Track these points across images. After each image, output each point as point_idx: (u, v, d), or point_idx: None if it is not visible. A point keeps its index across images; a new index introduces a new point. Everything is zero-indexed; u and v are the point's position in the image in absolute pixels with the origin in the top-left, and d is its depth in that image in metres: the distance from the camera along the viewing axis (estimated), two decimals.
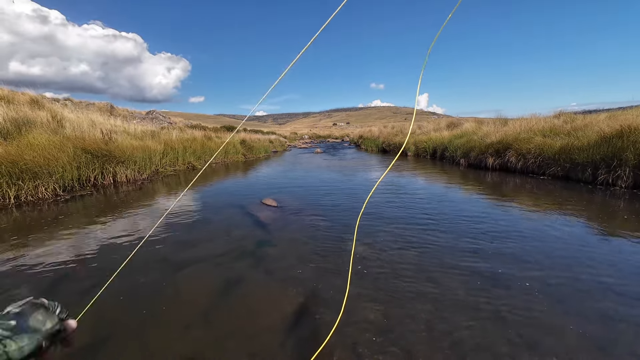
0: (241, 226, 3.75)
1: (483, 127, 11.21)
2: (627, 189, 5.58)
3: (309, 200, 5.13)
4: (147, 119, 17.85)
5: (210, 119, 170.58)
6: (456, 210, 4.32)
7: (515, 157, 8.05)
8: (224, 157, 12.08)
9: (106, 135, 7.10)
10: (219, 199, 5.36)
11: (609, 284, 2.26)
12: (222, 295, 2.20)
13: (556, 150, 7.09)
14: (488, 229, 3.48)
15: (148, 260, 2.77)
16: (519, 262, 2.63)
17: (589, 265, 2.58)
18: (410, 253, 2.85)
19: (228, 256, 2.85)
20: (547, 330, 1.77)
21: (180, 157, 9.50)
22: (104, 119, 10.42)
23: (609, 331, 1.75)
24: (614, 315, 1.90)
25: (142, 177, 7.17)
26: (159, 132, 10.63)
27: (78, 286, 2.33)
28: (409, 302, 2.06)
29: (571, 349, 1.62)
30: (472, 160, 9.60)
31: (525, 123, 9.28)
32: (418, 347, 1.65)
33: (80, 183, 5.87)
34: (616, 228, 3.50)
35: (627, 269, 2.49)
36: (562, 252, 2.85)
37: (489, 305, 2.02)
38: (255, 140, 16.61)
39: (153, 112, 20.21)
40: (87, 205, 4.71)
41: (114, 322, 1.90)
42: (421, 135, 14.63)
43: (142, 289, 2.28)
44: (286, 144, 25.93)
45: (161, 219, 3.84)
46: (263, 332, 1.79)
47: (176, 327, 1.84)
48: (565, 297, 2.10)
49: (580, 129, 7.32)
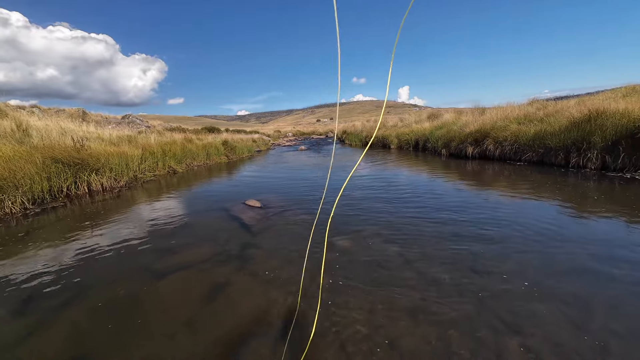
0: (225, 229, 3.67)
1: (462, 117, 11.49)
2: (596, 170, 5.88)
3: (294, 198, 5.10)
4: (123, 124, 17.16)
5: (191, 120, 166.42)
6: (438, 199, 4.40)
7: (493, 145, 8.30)
8: (206, 159, 11.80)
9: (78, 142, 6.77)
10: (201, 203, 5.23)
11: (583, 264, 2.37)
12: (207, 302, 2.14)
13: (531, 137, 7.36)
14: (469, 217, 3.57)
15: (126, 271, 2.66)
16: (499, 246, 2.71)
17: (564, 246, 2.69)
18: (394, 244, 2.88)
19: (212, 261, 2.79)
20: (527, 312, 1.83)
21: (160, 161, 9.20)
22: (75, 125, 9.92)
23: (583, 309, 1.84)
24: (587, 294, 2.00)
25: (120, 184, 6.90)
26: (136, 137, 10.24)
27: (52, 303, 2.21)
28: (393, 291, 2.08)
29: (549, 329, 1.68)
30: (453, 150, 9.83)
31: (501, 112, 9.58)
32: (404, 338, 1.67)
33: (52, 194, 5.58)
34: (587, 208, 3.67)
35: (600, 250, 2.62)
36: (538, 235, 2.96)
37: (472, 288, 2.07)
38: (238, 141, 16.32)
39: (129, 116, 19.45)
40: (61, 217, 4.48)
41: (91, 338, 1.81)
42: (403, 128, 14.83)
43: (121, 301, 2.19)
44: (270, 143, 25.65)
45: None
46: (251, 337, 1.76)
47: (160, 338, 1.78)
48: (543, 278, 2.18)
49: (552, 115, 7.62)
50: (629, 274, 2.20)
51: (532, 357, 1.49)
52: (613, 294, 1.97)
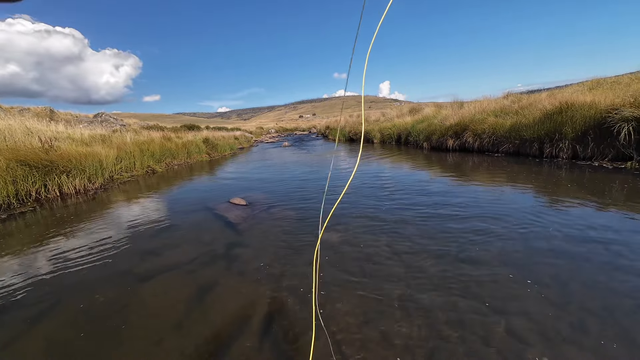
0: (210, 229, 3.58)
1: (442, 111, 11.76)
2: (567, 159, 6.20)
3: (279, 195, 5.04)
4: (95, 123, 16.28)
5: (169, 118, 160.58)
6: (421, 191, 4.49)
7: (472, 138, 8.56)
8: (187, 157, 11.44)
9: (46, 143, 6.35)
10: (183, 203, 5.07)
11: (561, 247, 2.50)
12: (194, 303, 2.08)
13: (507, 129, 7.65)
14: (451, 207, 3.67)
15: (106, 277, 2.54)
16: (481, 236, 2.80)
17: (541, 232, 2.82)
18: (382, 237, 2.91)
19: (198, 261, 2.71)
20: (511, 296, 1.90)
21: (137, 161, 8.82)
22: (42, 125, 9.30)
23: (561, 291, 1.93)
24: (565, 276, 2.10)
25: (95, 186, 6.55)
26: (110, 136, 9.75)
27: (25, 314, 2.06)
28: (382, 282, 2.10)
29: (531, 310, 1.75)
30: (434, 143, 10.06)
31: (479, 105, 9.88)
32: (394, 328, 1.69)
33: (19, 199, 5.22)
34: (561, 196, 3.87)
35: (574, 233, 2.76)
36: (517, 222, 3.08)
37: (457, 277, 2.12)
38: (220, 138, 15.92)
39: (102, 114, 18.47)
40: (30, 223, 4.20)
41: (71, 349, 1.71)
42: (385, 122, 15.00)
43: (101, 308, 2.08)
44: (252, 140, 25.22)
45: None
46: (241, 336, 1.72)
47: (146, 343, 1.71)
48: (523, 264, 2.27)
49: (526, 107, 7.94)
50: (601, 253, 2.33)
51: (515, 338, 1.55)
52: (587, 274, 2.08)
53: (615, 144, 5.49)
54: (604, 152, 5.71)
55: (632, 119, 5.25)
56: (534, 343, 1.52)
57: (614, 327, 1.59)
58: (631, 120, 5.25)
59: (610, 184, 4.23)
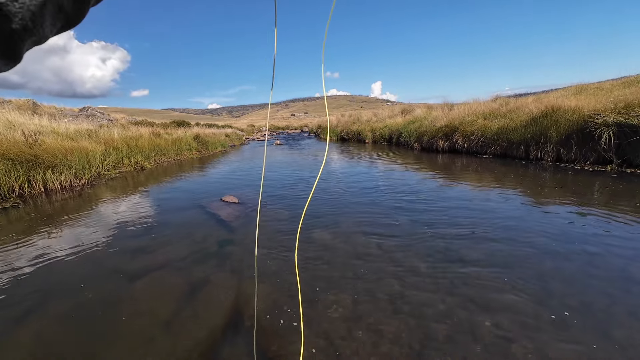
0: (202, 227, 3.56)
1: (433, 112, 11.94)
2: (552, 162, 6.41)
3: (271, 194, 5.04)
4: (81, 117, 15.83)
5: (158, 114, 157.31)
6: (411, 192, 4.58)
7: (461, 139, 8.74)
8: (177, 154, 11.27)
9: (30, 137, 6.16)
10: (174, 200, 5.00)
11: (544, 246, 2.60)
12: (186, 302, 2.07)
13: (495, 131, 7.84)
14: (440, 207, 3.75)
15: (94, 275, 2.50)
16: (469, 236, 2.89)
17: (526, 231, 2.92)
18: (372, 237, 2.96)
19: (189, 259, 2.69)
20: (496, 293, 1.97)
21: (125, 157, 8.64)
22: (25, 118, 9.00)
23: (544, 287, 2.02)
24: (547, 273, 2.19)
25: (81, 182, 6.39)
26: (97, 131, 9.51)
27: (10, 314, 2.02)
28: (372, 281, 2.14)
29: (514, 307, 1.83)
30: (425, 144, 10.22)
31: (468, 107, 10.09)
32: (385, 324, 1.73)
33: (1, 194, 5.05)
34: (545, 197, 4.01)
35: (556, 232, 2.88)
36: (503, 222, 3.19)
37: (445, 276, 2.19)
38: (210, 135, 15.72)
39: (88, 108, 17.96)
40: (13, 220, 4.07)
41: (59, 349, 1.68)
42: (377, 123, 15.13)
43: (89, 307, 2.05)
44: (244, 137, 25.02)
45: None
46: (234, 336, 1.73)
47: (137, 343, 1.69)
48: (508, 263, 2.36)
49: (514, 110, 8.17)
50: (581, 252, 2.44)
51: (501, 334, 1.62)
52: (568, 272, 2.18)
53: (596, 147, 5.72)
54: (586, 155, 5.93)
55: (612, 124, 5.47)
56: (517, 338, 1.59)
57: (592, 320, 1.67)
58: (612, 125, 5.48)
59: (592, 186, 4.41)
